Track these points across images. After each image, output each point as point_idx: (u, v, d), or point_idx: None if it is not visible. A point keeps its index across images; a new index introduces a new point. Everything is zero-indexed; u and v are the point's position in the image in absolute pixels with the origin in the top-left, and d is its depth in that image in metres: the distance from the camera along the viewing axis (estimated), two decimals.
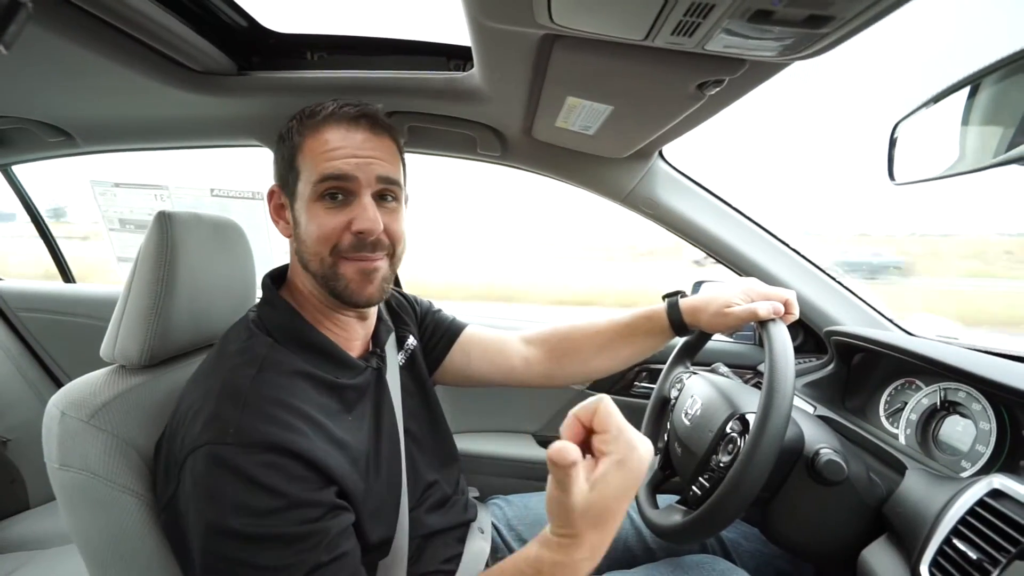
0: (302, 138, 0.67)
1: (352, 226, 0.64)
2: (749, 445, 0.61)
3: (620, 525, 0.49)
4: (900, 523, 0.66)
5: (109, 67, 0.80)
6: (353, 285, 0.66)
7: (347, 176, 0.64)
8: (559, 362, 0.95)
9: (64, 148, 1.25)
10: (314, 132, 0.66)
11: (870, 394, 0.98)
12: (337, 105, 0.67)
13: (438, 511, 0.80)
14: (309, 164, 0.66)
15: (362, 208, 0.65)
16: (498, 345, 0.96)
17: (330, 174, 0.64)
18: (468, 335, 0.95)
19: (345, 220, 0.65)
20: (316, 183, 0.64)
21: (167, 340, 0.72)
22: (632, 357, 0.93)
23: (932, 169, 0.63)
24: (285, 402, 0.58)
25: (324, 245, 0.65)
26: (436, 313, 0.97)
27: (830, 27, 0.45)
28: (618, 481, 0.45)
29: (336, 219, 0.65)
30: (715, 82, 0.62)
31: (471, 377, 0.95)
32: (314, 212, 0.65)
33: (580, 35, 0.57)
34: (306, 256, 0.67)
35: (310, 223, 0.65)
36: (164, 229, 0.70)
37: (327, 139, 0.65)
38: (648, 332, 0.90)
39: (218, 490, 0.52)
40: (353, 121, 0.67)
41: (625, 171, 1.07)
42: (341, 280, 0.66)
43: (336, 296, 0.67)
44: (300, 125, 0.68)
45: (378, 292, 0.68)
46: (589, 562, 0.48)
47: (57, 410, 0.64)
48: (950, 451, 0.78)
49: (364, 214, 0.64)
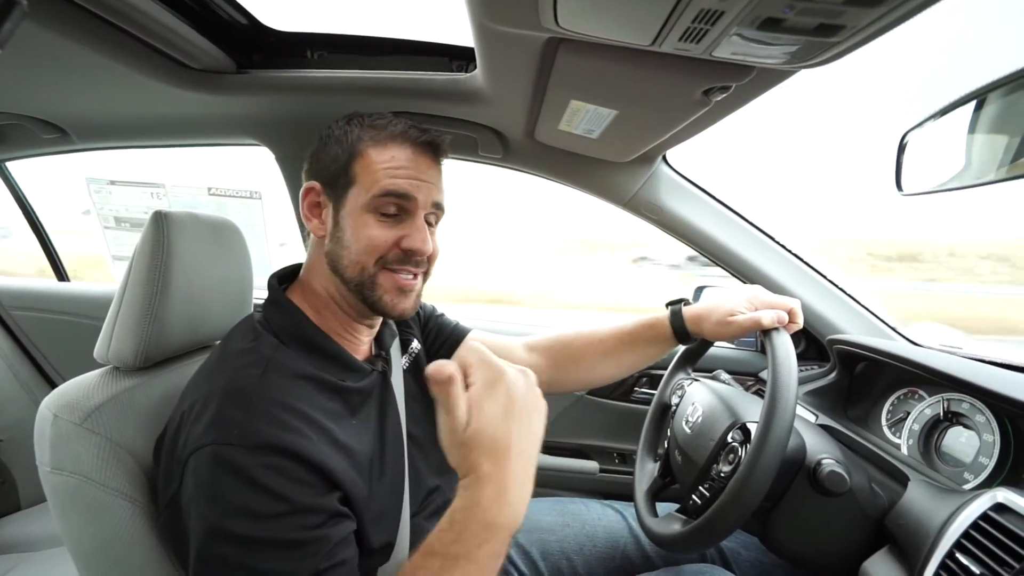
0: (365, 146, 0.67)
1: (403, 243, 0.66)
2: (751, 455, 0.61)
3: (529, 462, 0.49)
4: (902, 535, 0.65)
5: (106, 64, 0.79)
6: (388, 297, 0.67)
7: (409, 196, 0.66)
8: (563, 370, 0.95)
9: (59, 145, 1.24)
10: (381, 145, 0.67)
11: (872, 403, 0.98)
12: (406, 125, 0.69)
13: (439, 518, 0.79)
14: (369, 175, 0.66)
15: (416, 229, 0.67)
16: (501, 352, 0.94)
17: (394, 191, 0.65)
18: (471, 340, 0.95)
19: (397, 236, 0.66)
20: (377, 196, 0.65)
21: (162, 342, 0.71)
22: (635, 365, 0.93)
23: (940, 181, 0.63)
24: (290, 405, 0.58)
25: (370, 255, 0.66)
26: (439, 317, 0.97)
27: (840, 36, 0.45)
28: (492, 405, 0.47)
29: (389, 233, 0.66)
30: (722, 88, 0.62)
31: None
32: (366, 222, 0.66)
33: (586, 39, 0.56)
34: (344, 262, 0.67)
35: (360, 232, 0.66)
36: (160, 229, 0.70)
37: (394, 156, 0.66)
38: (651, 340, 0.90)
39: (220, 491, 0.52)
40: (422, 146, 0.69)
41: (628, 175, 1.07)
42: (378, 290, 0.67)
43: (369, 304, 0.68)
44: (362, 131, 0.68)
45: (412, 307, 0.70)
46: (500, 504, 0.47)
47: (50, 412, 0.63)
48: (953, 463, 0.78)
49: (419, 235, 0.67)
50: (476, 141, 1.03)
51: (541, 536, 0.95)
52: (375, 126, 0.68)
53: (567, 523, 0.98)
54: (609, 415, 1.36)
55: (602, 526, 0.98)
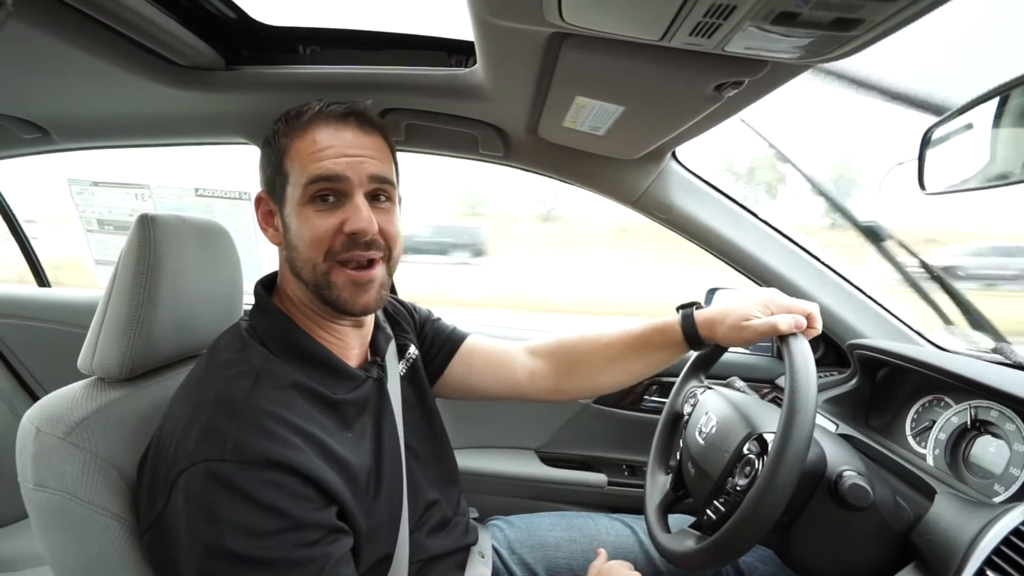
0: (289, 140, 0.67)
1: (345, 227, 0.65)
2: (768, 468, 0.61)
3: None
4: (929, 551, 0.65)
5: (88, 61, 0.80)
6: (345, 295, 0.67)
7: (338, 176, 0.65)
8: (567, 376, 0.95)
9: (40, 145, 1.25)
10: (301, 133, 0.67)
11: (896, 412, 0.97)
12: (324, 104, 0.68)
13: (438, 534, 0.80)
14: (297, 166, 0.66)
15: (355, 208, 0.65)
16: (502, 357, 0.96)
17: (320, 175, 0.64)
18: (470, 345, 0.95)
19: (337, 222, 0.65)
20: (306, 185, 0.65)
21: (149, 351, 0.72)
22: (643, 371, 0.93)
23: (963, 178, 0.63)
24: (283, 417, 0.58)
25: (317, 250, 0.65)
26: (436, 322, 0.97)
27: (858, 30, 0.45)
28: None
29: (328, 221, 0.65)
30: (734, 84, 0.62)
31: (473, 390, 0.95)
32: (305, 216, 0.66)
33: (592, 34, 0.57)
34: (298, 263, 0.67)
35: (301, 227, 0.66)
36: (146, 233, 0.70)
37: (315, 139, 0.66)
38: (661, 346, 0.89)
39: (216, 509, 0.52)
40: (341, 119, 0.68)
41: (636, 173, 1.07)
42: (334, 289, 0.66)
43: (330, 304, 0.67)
44: (286, 127, 0.68)
45: (375, 300, 0.69)
46: None
47: (32, 426, 0.64)
48: (982, 474, 0.78)
49: (357, 214, 0.65)
50: (476, 139, 1.04)
51: (547, 553, 0.95)
52: (294, 116, 0.69)
53: (574, 539, 0.98)
54: (618, 425, 1.36)
55: (610, 541, 0.98)
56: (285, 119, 0.70)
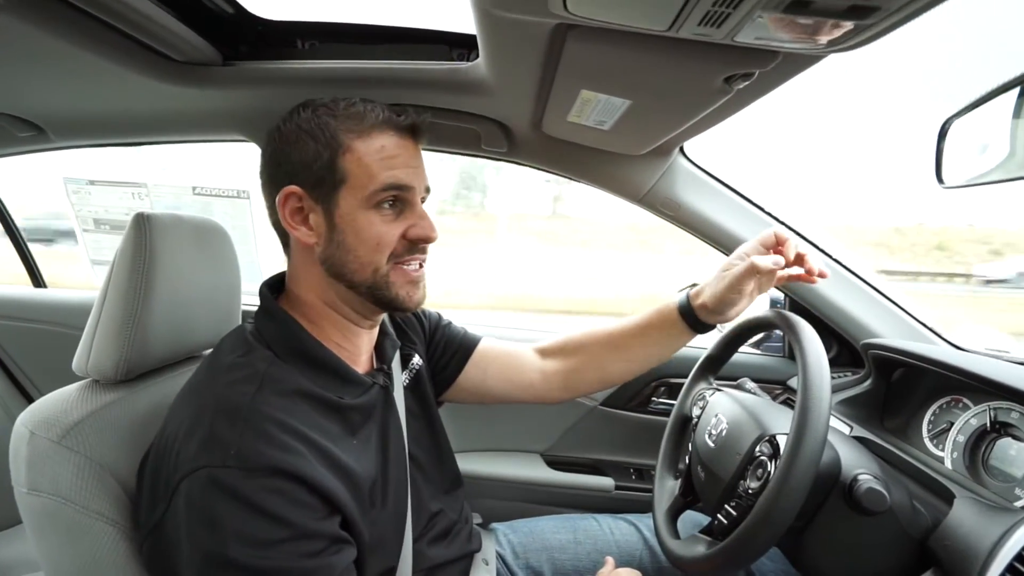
0: (349, 140, 0.65)
1: (410, 233, 0.68)
2: (781, 471, 0.60)
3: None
4: (948, 558, 0.65)
5: (84, 57, 0.80)
6: (404, 292, 0.69)
7: (407, 186, 0.67)
8: (577, 372, 0.95)
9: (35, 143, 1.25)
10: (365, 136, 0.66)
11: (912, 413, 0.97)
12: (383, 109, 0.69)
13: (442, 542, 0.80)
14: (363, 170, 0.65)
15: (420, 217, 0.70)
16: (514, 359, 0.96)
17: (393, 183, 0.66)
18: (483, 350, 0.95)
19: (404, 227, 0.68)
20: (376, 191, 0.66)
21: (145, 353, 0.72)
22: (647, 358, 0.93)
23: (982, 171, 0.62)
24: (287, 424, 0.58)
25: (381, 254, 0.67)
26: (447, 327, 0.97)
27: (874, 18, 0.44)
28: None
29: (394, 227, 0.68)
30: (744, 75, 0.62)
31: (489, 394, 0.96)
32: (369, 220, 0.66)
33: (597, 25, 0.56)
34: (352, 266, 0.67)
35: (365, 231, 0.66)
36: (142, 232, 0.70)
37: (383, 145, 0.67)
38: (660, 328, 0.89)
39: (218, 517, 0.52)
40: (407, 131, 0.70)
41: (643, 169, 1.07)
42: (392, 288, 0.68)
43: (384, 303, 0.70)
44: (338, 123, 0.66)
45: (423, 296, 0.73)
46: None
47: (26, 429, 0.64)
48: (1002, 477, 0.77)
49: (425, 222, 0.70)
50: (479, 134, 1.03)
51: (552, 556, 0.95)
52: (352, 115, 0.67)
53: (579, 540, 0.99)
54: (625, 427, 1.35)
55: (615, 541, 0.98)
56: (332, 113, 0.67)
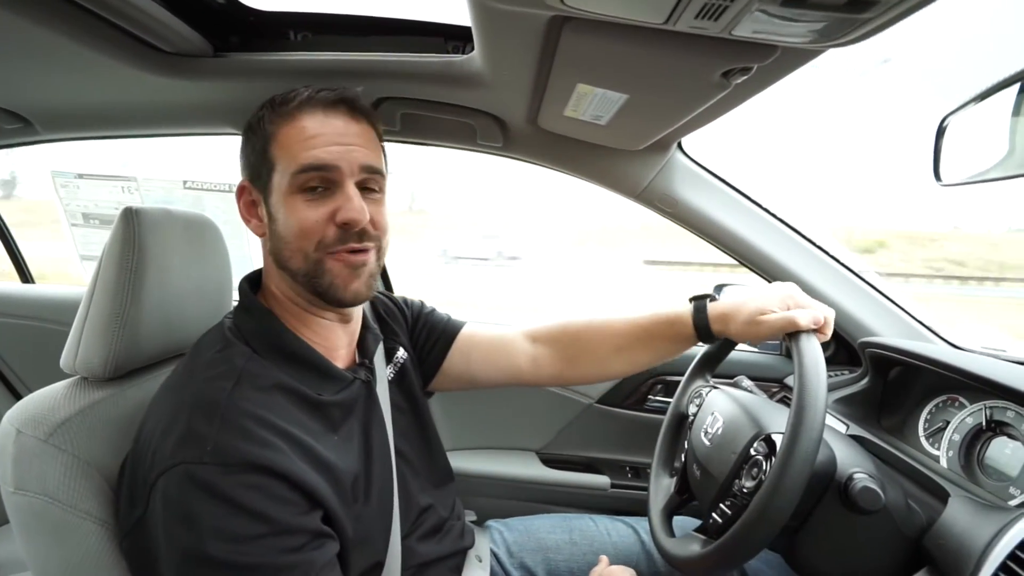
0: (275, 127, 0.67)
1: (337, 217, 0.65)
2: (776, 469, 0.61)
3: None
4: (942, 556, 0.65)
5: (71, 48, 0.79)
6: (339, 281, 0.66)
7: (329, 166, 0.65)
8: (572, 363, 0.94)
9: (22, 136, 1.24)
10: (289, 120, 0.67)
11: (908, 412, 0.97)
12: (312, 90, 0.68)
13: (432, 538, 0.80)
14: (285, 155, 0.66)
15: (346, 198, 0.65)
16: (500, 344, 0.95)
17: (310, 164, 0.64)
18: (466, 335, 0.95)
19: (328, 212, 0.65)
20: (295, 174, 0.64)
21: (134, 350, 0.71)
22: (651, 362, 0.92)
23: (981, 169, 0.62)
24: (265, 419, 0.58)
25: (307, 240, 0.65)
26: (429, 314, 0.97)
27: (873, 12, 0.44)
28: None
29: (318, 211, 0.65)
30: (742, 70, 0.62)
31: (474, 380, 0.95)
32: (293, 205, 0.65)
33: (593, 17, 0.56)
34: (285, 254, 0.67)
35: (289, 218, 0.65)
36: (131, 226, 0.70)
37: (304, 126, 0.66)
38: (671, 338, 0.88)
39: (195, 514, 0.52)
40: (331, 106, 0.67)
41: (640, 165, 1.07)
42: (326, 277, 0.66)
43: (320, 294, 0.67)
44: (272, 113, 0.68)
45: (365, 288, 0.69)
46: None
47: (12, 427, 0.63)
48: (997, 476, 0.77)
49: (349, 204, 0.65)
50: (474, 128, 1.03)
51: (547, 556, 0.95)
52: (284, 101, 0.68)
53: (575, 541, 0.98)
54: (621, 425, 1.36)
55: (612, 543, 0.98)
56: (271, 105, 0.69)
